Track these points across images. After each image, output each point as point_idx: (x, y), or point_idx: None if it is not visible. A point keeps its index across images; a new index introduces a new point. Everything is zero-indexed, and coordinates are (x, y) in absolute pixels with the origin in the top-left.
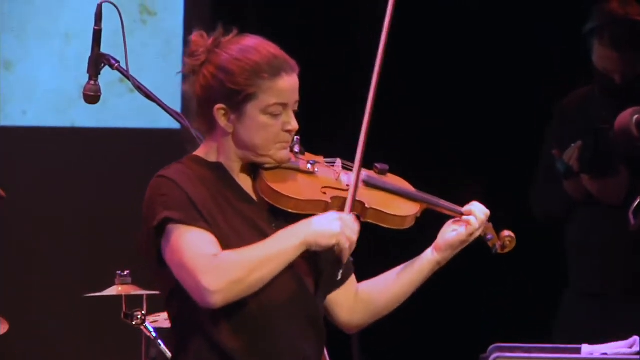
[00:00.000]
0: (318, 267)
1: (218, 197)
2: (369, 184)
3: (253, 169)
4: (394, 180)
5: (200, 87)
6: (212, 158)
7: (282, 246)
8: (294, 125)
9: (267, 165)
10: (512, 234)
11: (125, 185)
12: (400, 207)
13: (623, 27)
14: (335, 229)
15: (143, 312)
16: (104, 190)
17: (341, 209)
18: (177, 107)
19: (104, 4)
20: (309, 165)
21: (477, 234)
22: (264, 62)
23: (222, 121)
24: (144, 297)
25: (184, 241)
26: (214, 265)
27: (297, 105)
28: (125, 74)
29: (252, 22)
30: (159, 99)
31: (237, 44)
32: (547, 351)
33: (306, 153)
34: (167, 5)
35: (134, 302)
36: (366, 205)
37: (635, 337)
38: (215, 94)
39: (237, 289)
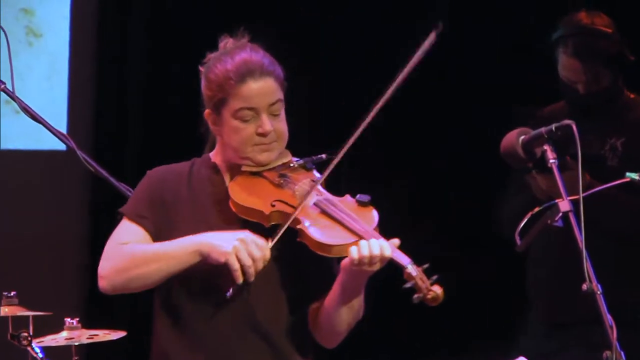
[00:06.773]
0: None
1: (201, 195)
2: (319, 207)
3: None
4: (360, 213)
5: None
6: (214, 158)
7: (176, 249)
8: (265, 128)
9: (246, 169)
10: (438, 293)
11: (10, 206)
12: (335, 236)
13: (587, 37)
14: (227, 247)
15: (30, 333)
16: None
17: (281, 220)
18: (62, 128)
19: None
20: (278, 179)
21: (362, 266)
22: (232, 68)
23: (211, 125)
24: (30, 318)
25: (115, 232)
26: (111, 252)
27: (276, 107)
28: (11, 95)
29: (138, 43)
30: (45, 121)
31: (229, 51)
32: None
33: (314, 171)
34: (53, 27)
35: (21, 323)
36: (299, 226)
37: (521, 358)
38: (205, 101)
39: (120, 278)
